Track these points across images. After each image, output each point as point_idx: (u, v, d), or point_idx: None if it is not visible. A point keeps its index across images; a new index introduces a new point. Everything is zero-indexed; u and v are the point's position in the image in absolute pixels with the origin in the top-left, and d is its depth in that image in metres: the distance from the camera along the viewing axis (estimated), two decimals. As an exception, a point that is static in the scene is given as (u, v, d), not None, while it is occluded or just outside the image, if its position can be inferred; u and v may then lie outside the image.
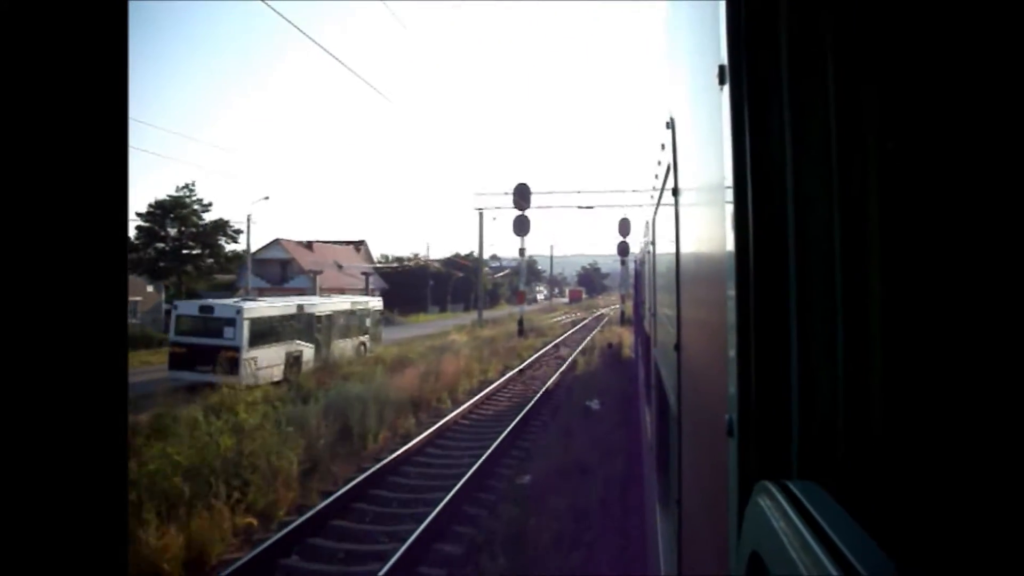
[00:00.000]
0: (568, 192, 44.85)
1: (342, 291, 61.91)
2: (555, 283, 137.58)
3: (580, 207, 45.20)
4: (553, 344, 32.82)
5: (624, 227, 44.02)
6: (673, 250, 1.88)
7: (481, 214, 45.31)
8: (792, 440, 0.75)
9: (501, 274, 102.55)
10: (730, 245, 0.83)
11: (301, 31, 15.60)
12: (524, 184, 33.44)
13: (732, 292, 0.82)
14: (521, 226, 33.20)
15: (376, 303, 30.52)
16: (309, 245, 60.89)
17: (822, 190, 0.74)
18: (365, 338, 28.74)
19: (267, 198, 44.83)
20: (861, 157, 0.72)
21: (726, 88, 0.85)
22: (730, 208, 0.83)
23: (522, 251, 33.45)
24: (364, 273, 58.97)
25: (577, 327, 46.61)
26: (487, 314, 57.46)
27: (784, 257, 0.76)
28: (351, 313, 27.87)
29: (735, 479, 0.82)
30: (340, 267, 62.65)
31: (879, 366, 0.70)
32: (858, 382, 0.71)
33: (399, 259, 75.94)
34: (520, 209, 33.29)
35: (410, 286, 71.71)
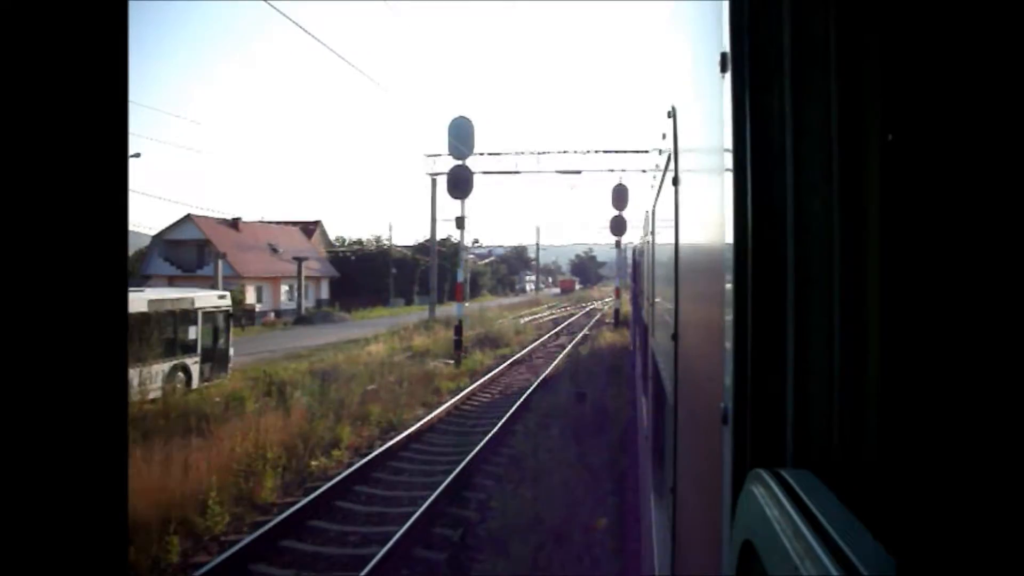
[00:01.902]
0: (546, 153, 33.29)
1: (274, 279, 51.12)
2: (548, 272, 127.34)
3: (560, 171, 33.90)
4: (507, 365, 21.41)
5: (619, 197, 32.65)
6: (672, 239, 1.86)
7: (434, 181, 34.07)
8: (787, 428, 0.75)
9: (484, 261, 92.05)
10: (729, 234, 0.82)
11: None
12: (463, 118, 21.80)
13: (730, 281, 0.82)
14: (458, 184, 21.56)
15: (214, 299, 18.97)
16: (234, 223, 49.39)
17: (822, 180, 0.74)
18: (190, 360, 17.41)
19: (138, 155, 32.70)
20: (862, 148, 0.72)
21: (727, 76, 0.84)
22: (729, 197, 0.82)
23: (460, 221, 21.73)
24: (297, 257, 47.51)
25: (558, 328, 35.08)
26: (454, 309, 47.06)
27: (782, 247, 0.76)
28: (155, 319, 16.43)
29: (729, 467, 0.82)
30: (275, 251, 51.33)
31: (875, 355, 0.70)
32: (853, 371, 0.71)
33: (357, 242, 64.59)
34: (458, 158, 21.72)
35: (368, 274, 60.60)
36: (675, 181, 1.78)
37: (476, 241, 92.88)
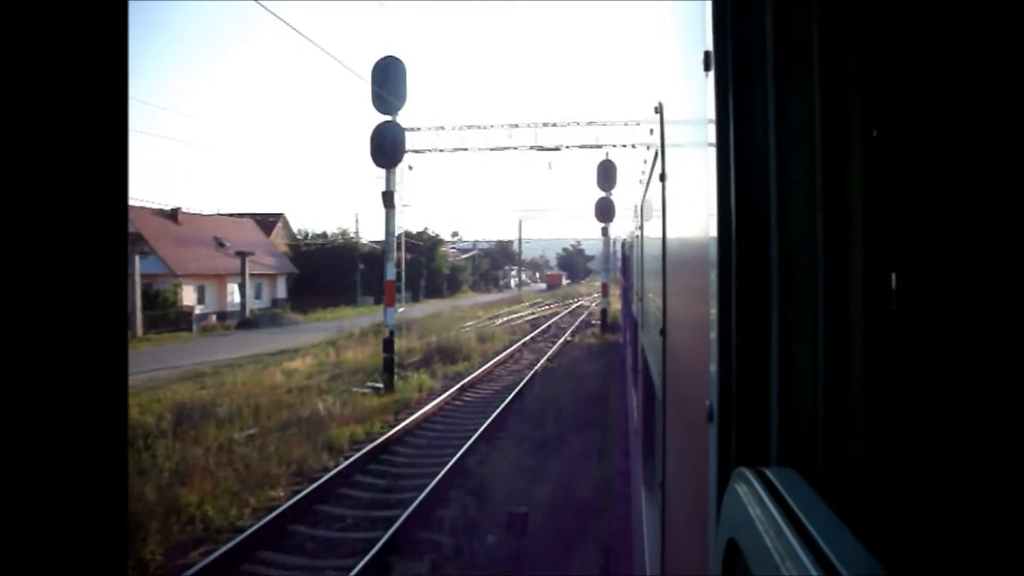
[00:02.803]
0: (517, 126, 27.71)
1: (220, 277, 45.30)
2: (535, 267, 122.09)
3: (536, 148, 28.43)
4: (456, 390, 15.92)
5: (605, 175, 27.25)
6: (660, 235, 1.87)
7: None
8: (771, 426, 0.75)
9: (464, 256, 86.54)
10: (713, 231, 0.83)
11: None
12: (391, 58, 16.02)
13: (714, 278, 0.82)
14: (383, 146, 15.84)
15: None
16: (174, 215, 43.48)
17: (805, 177, 0.75)
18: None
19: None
20: (845, 144, 0.72)
21: (711, 74, 0.85)
22: (714, 194, 0.82)
23: (388, 197, 15.77)
24: (240, 252, 41.74)
25: (535, 333, 29.58)
26: (430, 306, 42.07)
27: (766, 244, 0.76)
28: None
29: (715, 465, 0.82)
30: (222, 245, 45.50)
31: (858, 353, 0.71)
32: (837, 369, 0.72)
33: (321, 236, 58.83)
34: (384, 112, 16.05)
35: (334, 271, 54.92)
36: (662, 177, 1.79)
37: (456, 234, 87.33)
